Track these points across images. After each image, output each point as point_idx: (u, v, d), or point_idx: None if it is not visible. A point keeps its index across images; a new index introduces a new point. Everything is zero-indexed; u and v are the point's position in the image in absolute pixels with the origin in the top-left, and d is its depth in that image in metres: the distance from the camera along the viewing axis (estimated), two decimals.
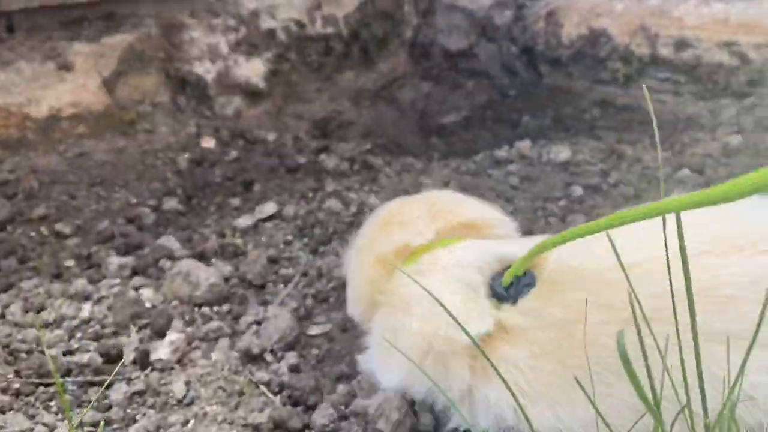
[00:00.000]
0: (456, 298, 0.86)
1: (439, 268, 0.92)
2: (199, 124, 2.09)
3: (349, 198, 1.60)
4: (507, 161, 1.83)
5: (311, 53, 2.39)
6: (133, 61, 1.95)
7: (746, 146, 1.85)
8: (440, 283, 0.89)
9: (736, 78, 2.12)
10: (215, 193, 1.80)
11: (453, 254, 0.94)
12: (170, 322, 1.20)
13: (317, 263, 1.40)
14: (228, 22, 2.15)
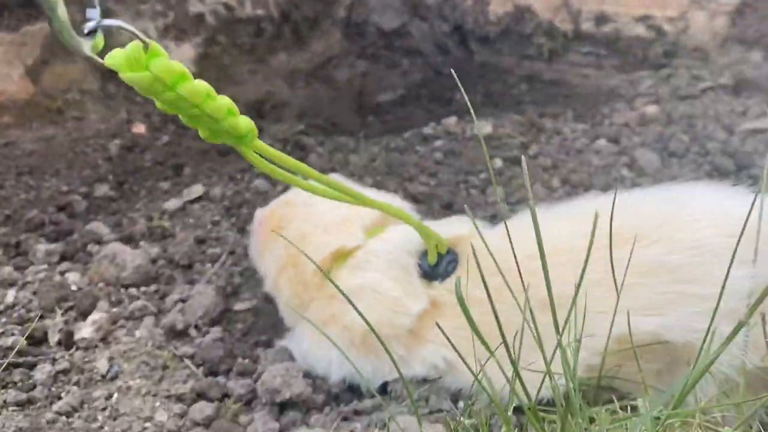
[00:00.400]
0: (394, 284, 0.99)
1: (374, 258, 1.02)
2: (129, 110, 2.08)
3: (276, 178, 1.63)
4: (433, 137, 1.88)
5: (242, 36, 2.39)
6: (56, 49, 1.93)
7: (661, 115, 1.94)
8: (379, 272, 1.00)
9: (653, 50, 2.22)
10: (146, 177, 1.81)
11: (384, 243, 1.03)
12: (96, 303, 1.22)
13: (244, 242, 1.43)
14: (156, 7, 2.15)
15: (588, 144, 1.81)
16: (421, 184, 1.60)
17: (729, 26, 2.09)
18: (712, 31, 2.12)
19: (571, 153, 1.79)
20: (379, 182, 1.60)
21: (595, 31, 2.30)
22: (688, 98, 2.01)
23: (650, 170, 1.66)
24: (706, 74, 2.11)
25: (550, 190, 1.60)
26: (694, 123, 1.87)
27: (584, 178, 1.63)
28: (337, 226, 1.09)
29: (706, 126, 1.85)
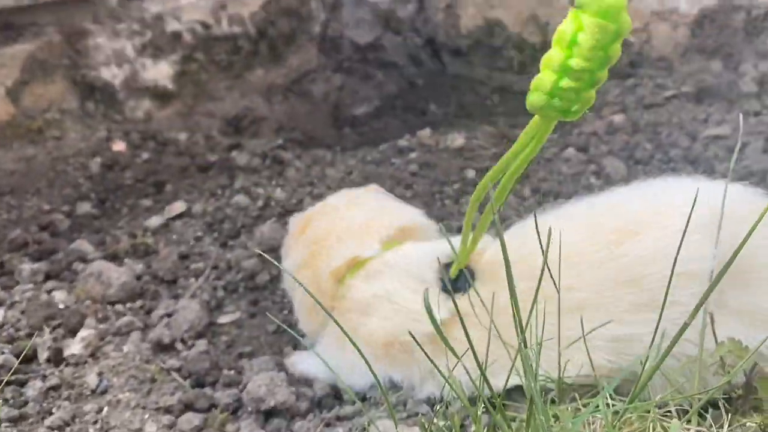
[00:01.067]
0: (414, 295, 1.00)
1: (392, 270, 1.04)
2: (109, 129, 2.11)
3: (256, 193, 1.68)
4: (408, 149, 1.94)
5: (219, 52, 2.43)
6: (36, 70, 1.95)
7: (628, 123, 2.02)
8: (396, 282, 1.02)
9: (619, 60, 2.29)
10: (127, 195, 1.84)
11: (403, 256, 1.05)
12: (83, 320, 1.25)
13: (226, 256, 1.48)
14: (132, 26, 2.18)
15: (557, 153, 1.88)
16: (396, 195, 1.65)
17: (690, 37, 2.18)
18: (674, 42, 2.21)
19: (541, 162, 1.86)
20: None
21: None
22: (653, 107, 2.09)
23: (617, 178, 1.73)
24: (669, 83, 2.19)
25: (522, 199, 1.66)
26: (658, 131, 1.95)
27: (554, 186, 1.70)
28: (355, 235, 1.11)
29: (670, 133, 1.93)
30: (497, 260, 0.95)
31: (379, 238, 1.10)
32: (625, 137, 1.92)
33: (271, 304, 1.37)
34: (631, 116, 2.05)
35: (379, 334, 1.00)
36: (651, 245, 0.88)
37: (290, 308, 1.34)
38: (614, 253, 0.89)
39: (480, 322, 0.90)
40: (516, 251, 0.84)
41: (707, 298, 0.69)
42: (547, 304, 0.79)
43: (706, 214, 0.84)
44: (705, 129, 1.95)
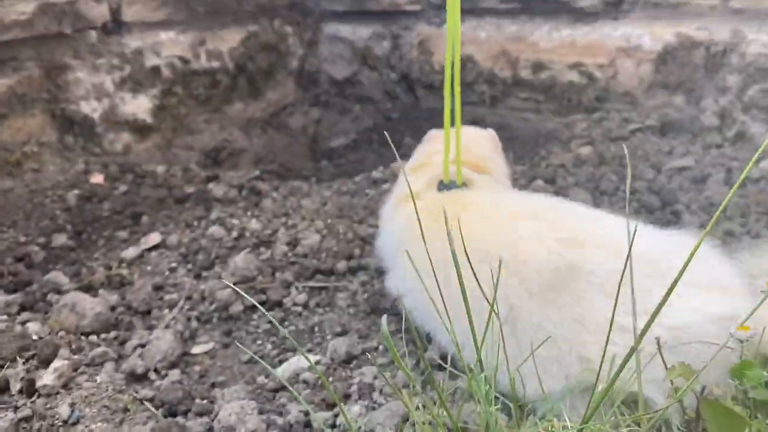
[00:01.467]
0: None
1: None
2: (87, 161, 2.14)
3: (231, 224, 1.70)
4: (382, 181, 1.98)
5: (198, 87, 2.48)
6: (14, 104, 1.98)
7: (594, 156, 2.08)
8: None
9: (585, 95, 2.37)
10: (104, 227, 1.86)
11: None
12: (56, 351, 1.26)
13: (200, 287, 1.50)
14: (112, 61, 2.22)
15: (526, 185, 1.93)
16: (369, 226, 1.69)
17: (653, 72, 2.27)
18: (638, 77, 2.29)
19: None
20: (330, 225, 1.69)
21: (533, 78, 2.45)
22: (619, 139, 2.16)
23: None
24: (634, 117, 2.27)
25: None
26: (624, 163, 2.02)
27: None
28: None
29: (636, 165, 1.99)
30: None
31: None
32: (592, 169, 1.98)
33: (244, 334, 1.39)
34: (597, 149, 2.11)
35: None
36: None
37: (263, 338, 1.37)
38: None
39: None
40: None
41: (651, 324, 0.73)
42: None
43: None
44: (669, 161, 2.02)
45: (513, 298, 0.98)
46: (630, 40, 2.28)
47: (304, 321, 1.41)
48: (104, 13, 2.16)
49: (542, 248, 1.01)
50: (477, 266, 0.83)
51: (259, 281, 1.48)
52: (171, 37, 2.39)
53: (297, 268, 1.54)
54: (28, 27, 1.95)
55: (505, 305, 0.98)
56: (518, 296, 0.98)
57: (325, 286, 1.50)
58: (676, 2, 2.23)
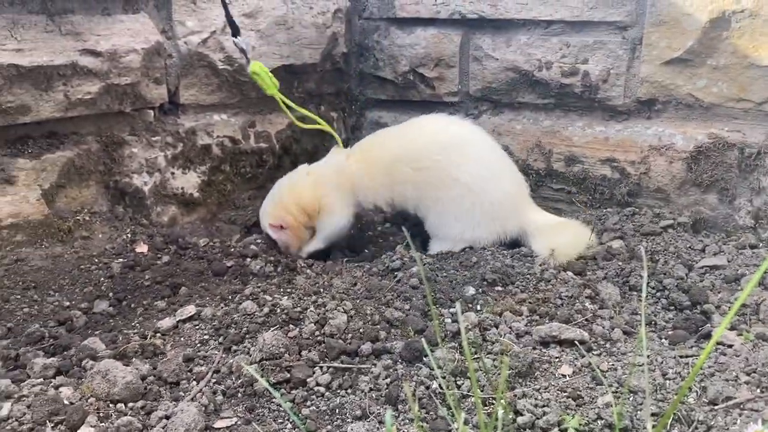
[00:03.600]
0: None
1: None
2: (134, 231, 2.25)
3: (264, 299, 1.76)
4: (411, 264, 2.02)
5: (245, 165, 2.60)
6: (72, 175, 2.12)
7: (625, 250, 2.09)
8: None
9: (618, 189, 2.41)
10: (144, 295, 1.94)
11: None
12: (85, 417, 1.31)
13: (229, 361, 1.54)
14: (166, 139, 2.36)
15: (555, 274, 1.94)
16: (395, 309, 1.73)
17: (686, 170, 2.29)
18: (671, 175, 2.32)
19: (541, 283, 1.92)
20: (358, 305, 1.73)
21: (566, 170, 2.51)
22: (650, 235, 2.17)
23: (610, 303, 1.78)
24: (666, 213, 2.28)
25: (517, 315, 1.71)
26: (655, 258, 2.02)
27: (550, 309, 1.75)
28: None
29: (666, 262, 2.00)
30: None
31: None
32: (621, 263, 1.99)
33: (267, 411, 1.42)
34: (628, 243, 2.12)
35: None
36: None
37: (284, 417, 1.39)
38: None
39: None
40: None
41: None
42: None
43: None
44: (701, 259, 2.02)
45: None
46: (662, 139, 2.33)
47: (326, 402, 1.43)
48: (162, 95, 2.32)
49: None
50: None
51: (285, 359, 1.52)
52: (223, 118, 2.54)
53: (323, 348, 1.57)
54: (92, 105, 2.10)
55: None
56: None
57: (349, 368, 1.52)
58: (708, 104, 2.28)
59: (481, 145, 2.26)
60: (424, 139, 2.25)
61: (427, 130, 2.29)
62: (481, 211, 2.16)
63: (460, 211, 2.17)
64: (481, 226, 2.17)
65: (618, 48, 2.38)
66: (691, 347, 1.59)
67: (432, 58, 2.72)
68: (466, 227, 2.18)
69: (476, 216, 2.16)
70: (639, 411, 1.35)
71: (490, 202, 2.15)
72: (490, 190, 2.16)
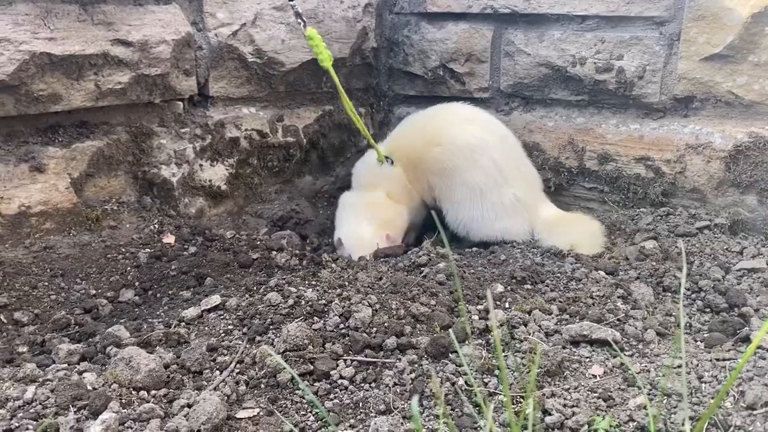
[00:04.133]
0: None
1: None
2: (162, 222, 2.25)
3: (288, 291, 1.74)
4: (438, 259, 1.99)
5: (272, 159, 2.59)
6: (101, 164, 2.13)
7: (659, 251, 2.03)
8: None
9: (652, 189, 2.34)
10: (169, 285, 1.93)
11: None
12: (107, 403, 1.30)
13: (253, 351, 1.52)
14: (195, 131, 2.36)
15: (587, 273, 1.90)
16: (422, 304, 1.70)
17: (724, 170, 2.22)
18: (708, 174, 2.25)
19: (571, 282, 1.88)
20: (384, 300, 1.70)
21: (598, 168, 2.45)
22: (686, 236, 2.11)
23: (643, 303, 1.73)
24: (702, 213, 2.22)
25: (547, 313, 1.67)
26: (690, 259, 1.96)
27: (581, 309, 1.71)
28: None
29: (702, 263, 1.93)
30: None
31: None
32: (655, 264, 1.94)
33: (289, 403, 1.40)
34: (662, 243, 2.06)
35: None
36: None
37: (307, 410, 1.37)
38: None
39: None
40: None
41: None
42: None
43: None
44: (739, 261, 1.95)
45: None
46: (699, 137, 2.26)
47: (350, 395, 1.41)
48: (192, 87, 2.32)
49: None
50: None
51: (309, 351, 1.50)
52: (252, 112, 2.53)
53: (347, 341, 1.55)
54: (122, 95, 2.11)
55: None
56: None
57: (373, 362, 1.50)
58: (749, 102, 2.20)
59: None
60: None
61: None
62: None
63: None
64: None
65: (655, 44, 2.32)
66: (728, 350, 1.53)
67: (463, 53, 2.68)
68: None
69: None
70: (673, 414, 1.30)
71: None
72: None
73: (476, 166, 2.23)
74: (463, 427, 1.28)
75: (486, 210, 2.23)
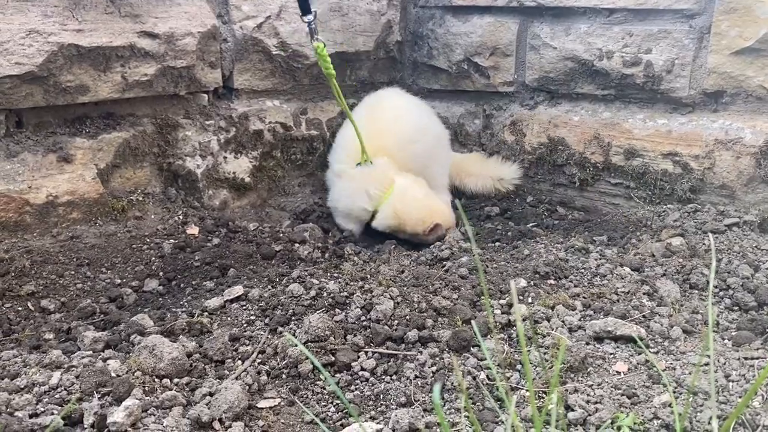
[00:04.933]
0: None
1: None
2: (186, 214, 2.27)
3: (310, 283, 1.74)
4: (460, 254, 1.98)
5: (296, 152, 2.60)
6: (127, 156, 2.15)
7: (686, 248, 1.99)
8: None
9: (679, 185, 2.30)
10: (193, 276, 1.95)
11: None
12: (131, 390, 1.32)
13: (274, 342, 1.53)
14: (220, 123, 2.38)
15: (612, 269, 1.87)
16: (444, 297, 1.69)
17: (755, 167, 2.17)
18: (737, 171, 2.20)
19: (596, 278, 1.85)
20: (405, 293, 1.69)
21: (625, 164, 2.41)
22: (714, 233, 2.07)
23: (670, 301, 1.70)
24: (731, 210, 2.17)
25: (571, 309, 1.65)
26: (718, 257, 1.92)
27: (605, 305, 1.68)
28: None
29: (731, 261, 1.90)
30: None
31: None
32: (682, 261, 1.90)
33: (310, 394, 1.40)
34: (689, 240, 2.03)
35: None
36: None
37: (327, 400, 1.37)
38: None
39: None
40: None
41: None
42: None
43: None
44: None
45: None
46: (729, 133, 2.21)
47: (370, 387, 1.40)
48: (217, 79, 2.33)
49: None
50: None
51: (330, 342, 1.50)
52: (276, 104, 2.54)
53: (368, 333, 1.54)
54: (148, 87, 2.13)
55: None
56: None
57: (394, 354, 1.49)
58: None
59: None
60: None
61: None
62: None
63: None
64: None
65: (684, 37, 2.27)
66: (756, 349, 1.50)
67: (488, 46, 2.66)
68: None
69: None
70: (699, 413, 1.27)
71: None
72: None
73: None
74: (485, 421, 1.27)
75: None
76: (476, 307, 1.67)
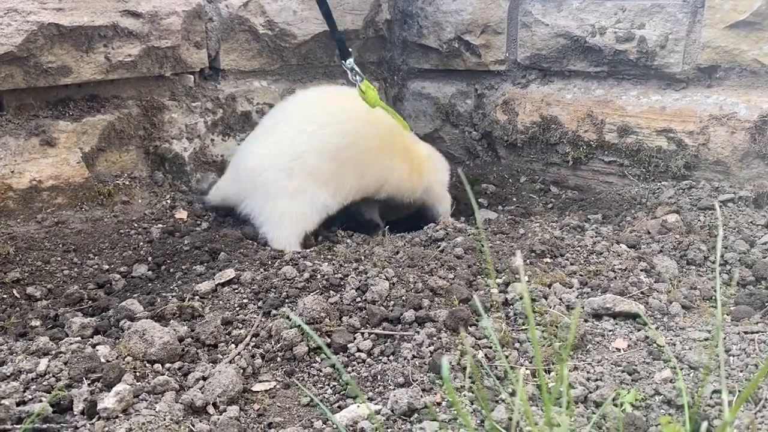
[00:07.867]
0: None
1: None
2: (174, 198, 2.22)
3: (303, 265, 1.71)
4: (456, 233, 1.95)
5: None
6: (113, 139, 2.10)
7: (682, 224, 1.98)
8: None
9: (674, 161, 2.28)
10: (183, 260, 1.91)
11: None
12: (121, 375, 1.28)
13: (268, 325, 1.50)
14: (206, 105, 2.33)
15: (608, 246, 1.85)
16: (440, 277, 1.66)
17: (749, 142, 2.16)
18: (732, 146, 2.19)
19: (592, 255, 1.83)
20: (401, 273, 1.67)
21: (618, 141, 2.39)
22: (709, 209, 2.05)
23: (668, 276, 1.69)
24: (726, 186, 2.16)
25: (568, 287, 1.63)
26: (714, 233, 1.91)
27: (603, 282, 1.67)
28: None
29: (726, 236, 1.88)
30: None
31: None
32: (678, 237, 1.89)
33: (306, 376, 1.37)
34: (685, 217, 2.01)
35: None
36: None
37: (324, 382, 1.34)
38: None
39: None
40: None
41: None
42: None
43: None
44: (764, 235, 1.90)
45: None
46: (724, 108, 2.19)
47: (367, 368, 1.38)
48: (203, 59, 2.28)
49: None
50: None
51: (326, 324, 1.47)
52: (263, 85, 2.49)
53: (364, 314, 1.52)
54: (132, 68, 2.07)
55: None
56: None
57: (391, 335, 1.47)
58: None
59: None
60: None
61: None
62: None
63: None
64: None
65: (678, 11, 2.24)
66: (756, 323, 1.48)
67: (478, 24, 2.62)
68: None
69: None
70: (700, 388, 1.26)
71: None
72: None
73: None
74: (484, 400, 1.25)
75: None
76: (472, 287, 1.64)
